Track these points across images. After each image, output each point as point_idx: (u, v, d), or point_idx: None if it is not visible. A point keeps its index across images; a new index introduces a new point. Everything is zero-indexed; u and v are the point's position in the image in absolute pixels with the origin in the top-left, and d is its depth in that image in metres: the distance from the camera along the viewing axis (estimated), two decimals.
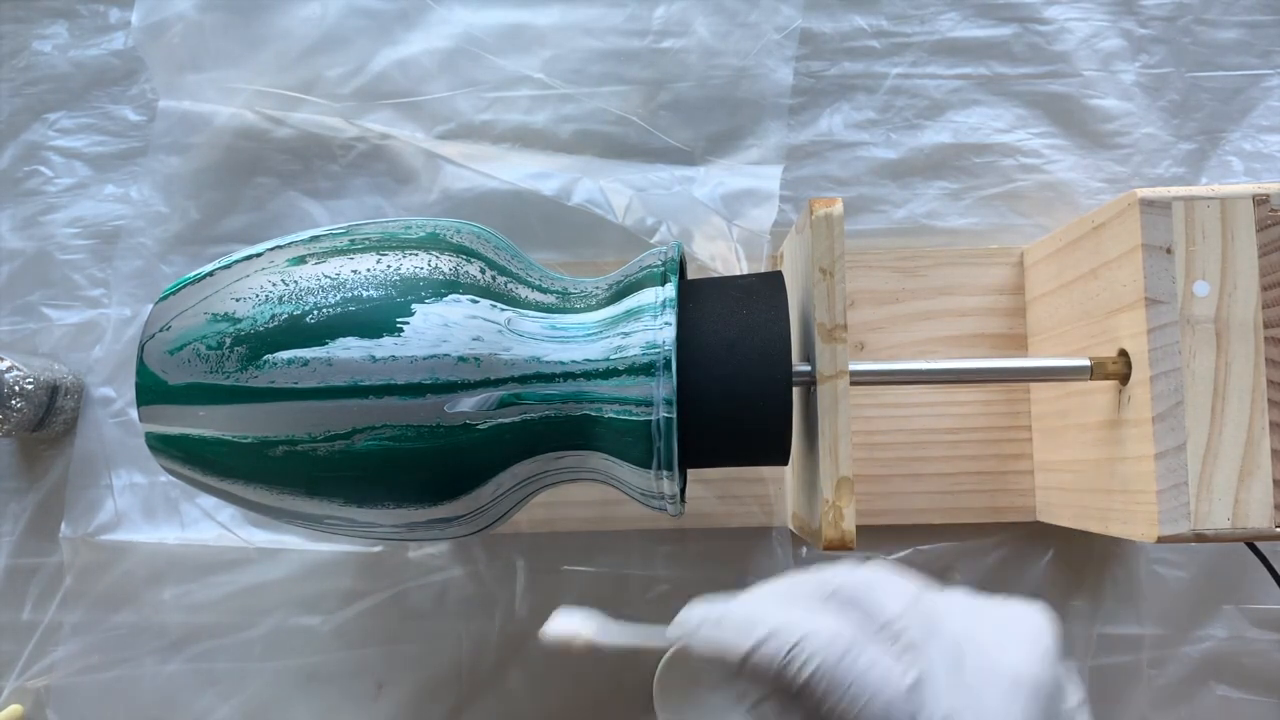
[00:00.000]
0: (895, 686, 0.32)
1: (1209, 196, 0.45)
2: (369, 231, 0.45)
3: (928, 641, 0.34)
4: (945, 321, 0.62)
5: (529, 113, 0.65)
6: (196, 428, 0.42)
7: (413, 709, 0.62)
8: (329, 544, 0.62)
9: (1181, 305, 0.45)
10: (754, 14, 0.65)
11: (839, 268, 0.45)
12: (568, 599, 0.62)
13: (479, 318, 0.42)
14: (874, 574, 0.36)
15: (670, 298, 0.44)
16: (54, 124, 0.67)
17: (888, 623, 0.34)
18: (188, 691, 0.62)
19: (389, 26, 0.65)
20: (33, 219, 0.67)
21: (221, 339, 0.42)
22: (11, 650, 0.63)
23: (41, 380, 0.60)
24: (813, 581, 0.36)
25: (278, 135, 0.66)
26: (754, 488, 0.62)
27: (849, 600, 0.35)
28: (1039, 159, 0.65)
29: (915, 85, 0.66)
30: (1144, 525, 0.45)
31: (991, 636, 0.34)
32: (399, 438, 0.41)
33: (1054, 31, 0.65)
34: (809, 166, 0.65)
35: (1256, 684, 0.61)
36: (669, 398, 0.42)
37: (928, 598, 0.36)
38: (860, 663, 0.33)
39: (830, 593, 0.35)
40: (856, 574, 0.36)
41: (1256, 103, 0.65)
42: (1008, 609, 0.36)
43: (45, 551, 0.64)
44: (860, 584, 0.35)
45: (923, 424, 0.61)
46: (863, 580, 0.36)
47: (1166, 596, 0.61)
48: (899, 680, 0.33)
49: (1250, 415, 0.45)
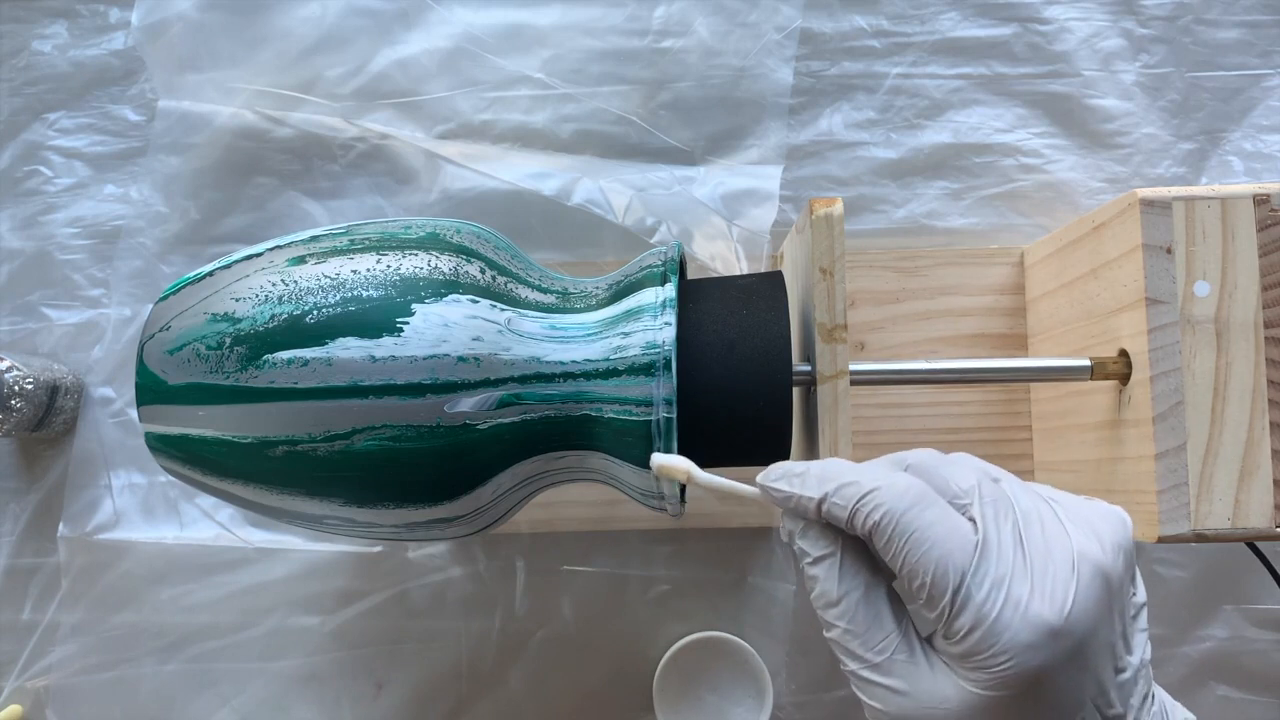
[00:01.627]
0: (958, 542, 0.34)
1: (1209, 196, 0.45)
2: (369, 231, 0.45)
3: (998, 513, 0.35)
4: (945, 321, 0.62)
5: (529, 113, 0.65)
6: (196, 428, 0.42)
7: (413, 709, 0.62)
8: (329, 544, 0.62)
9: (1182, 305, 0.45)
10: (754, 14, 0.65)
11: (839, 268, 0.45)
12: (567, 599, 0.62)
13: (479, 318, 0.42)
14: (948, 456, 0.38)
15: (670, 298, 0.44)
16: (54, 124, 0.67)
17: (958, 494, 0.35)
18: (187, 692, 0.62)
19: (389, 26, 0.65)
20: (33, 219, 0.67)
21: (221, 339, 0.42)
22: (11, 650, 0.63)
23: (41, 380, 0.60)
24: (890, 458, 0.38)
25: (278, 135, 0.66)
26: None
27: (922, 471, 0.36)
28: (1039, 159, 0.65)
29: (915, 85, 0.66)
30: (1144, 525, 0.45)
31: (1063, 518, 0.35)
32: (399, 438, 0.41)
33: (1054, 31, 0.65)
34: (809, 166, 0.65)
35: (1256, 684, 0.61)
36: (669, 398, 0.42)
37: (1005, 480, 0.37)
38: (926, 516, 0.34)
39: (907, 465, 0.37)
40: (930, 452, 0.38)
41: (1256, 103, 0.65)
42: (1086, 503, 0.37)
43: (45, 551, 0.64)
44: (936, 460, 0.37)
45: (923, 424, 0.61)
46: (939, 458, 0.37)
47: (1166, 596, 0.61)
48: (965, 538, 0.34)
49: (1250, 415, 0.45)
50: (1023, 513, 0.35)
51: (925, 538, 0.34)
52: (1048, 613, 0.32)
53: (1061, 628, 0.32)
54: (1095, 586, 0.33)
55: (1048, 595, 0.33)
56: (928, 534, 0.34)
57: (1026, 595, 0.33)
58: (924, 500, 0.34)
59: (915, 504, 0.34)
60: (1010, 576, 0.33)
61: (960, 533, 0.34)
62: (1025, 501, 0.35)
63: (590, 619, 0.62)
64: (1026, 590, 0.33)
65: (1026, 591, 0.33)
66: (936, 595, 0.33)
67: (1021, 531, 0.34)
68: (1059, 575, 0.33)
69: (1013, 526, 0.34)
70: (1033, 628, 0.32)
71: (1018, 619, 0.32)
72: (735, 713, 0.60)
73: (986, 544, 0.34)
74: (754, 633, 0.62)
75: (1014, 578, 0.33)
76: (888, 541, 0.34)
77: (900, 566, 0.34)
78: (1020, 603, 0.33)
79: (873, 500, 0.34)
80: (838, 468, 0.37)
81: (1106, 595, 0.34)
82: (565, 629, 0.62)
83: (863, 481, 0.35)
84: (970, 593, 0.33)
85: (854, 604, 0.35)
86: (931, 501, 0.34)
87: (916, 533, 0.34)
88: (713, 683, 0.60)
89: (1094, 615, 0.33)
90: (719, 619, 0.62)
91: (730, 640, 0.59)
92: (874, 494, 0.35)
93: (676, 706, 0.60)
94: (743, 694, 0.59)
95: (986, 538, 0.34)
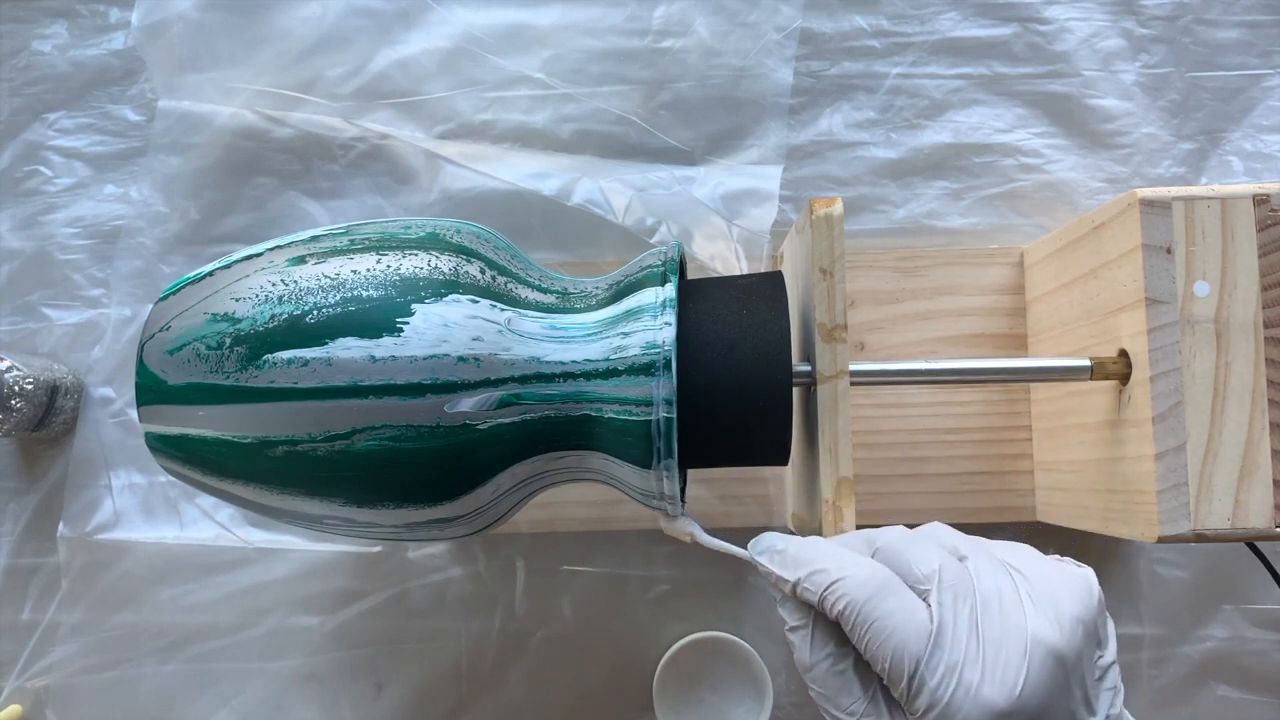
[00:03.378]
0: (913, 631, 0.36)
1: (1209, 196, 0.45)
2: (369, 231, 0.45)
3: (956, 598, 0.37)
4: (945, 321, 0.62)
5: (529, 113, 0.65)
6: (196, 428, 0.42)
7: (413, 709, 0.62)
8: (329, 544, 0.62)
9: (1181, 305, 0.45)
10: (754, 14, 0.65)
11: (839, 268, 0.45)
12: (567, 599, 0.62)
13: (479, 318, 0.42)
14: (916, 535, 0.40)
15: (670, 298, 0.44)
16: (54, 124, 0.67)
17: (920, 579, 0.38)
18: (187, 692, 0.62)
19: (389, 26, 0.65)
20: (33, 219, 0.67)
21: (221, 339, 0.42)
22: (11, 650, 0.63)
23: (41, 380, 0.60)
24: (863, 536, 0.41)
25: (278, 135, 0.66)
26: (754, 488, 0.62)
27: (889, 555, 0.39)
28: (1039, 159, 0.65)
29: (915, 85, 0.66)
30: (1144, 525, 0.45)
31: (1024, 596, 0.37)
32: (399, 438, 0.41)
33: (1054, 31, 0.65)
34: (809, 166, 0.65)
35: (1256, 684, 0.61)
36: (669, 398, 0.42)
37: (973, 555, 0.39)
38: (884, 606, 0.37)
39: (875, 549, 0.40)
40: (899, 532, 0.40)
41: (1256, 103, 0.65)
42: (1055, 568, 0.39)
43: (45, 551, 0.64)
44: (903, 544, 0.39)
45: (923, 424, 0.61)
46: (906, 540, 0.40)
47: (1166, 596, 0.61)
48: (919, 626, 0.36)
49: (1250, 415, 0.45)
50: (982, 596, 0.37)
51: (883, 627, 0.36)
52: (998, 698, 0.35)
53: (1012, 710, 0.35)
54: (1047, 668, 0.35)
55: (998, 680, 0.35)
56: (886, 624, 0.36)
57: (978, 681, 0.35)
58: (884, 590, 0.37)
59: (875, 594, 0.37)
60: (962, 663, 0.36)
61: (916, 622, 0.36)
62: (986, 582, 0.37)
63: (590, 619, 0.62)
64: (978, 676, 0.35)
65: (978, 678, 0.35)
66: (895, 679, 0.36)
67: (979, 615, 0.36)
68: (1010, 660, 0.35)
69: (970, 611, 0.37)
70: (983, 712, 0.35)
71: (969, 703, 0.35)
72: (735, 713, 0.60)
73: (941, 632, 0.36)
74: (754, 633, 0.62)
75: (966, 664, 0.36)
76: (851, 628, 0.37)
77: (864, 651, 0.37)
78: (971, 688, 0.35)
79: (837, 590, 0.37)
80: (812, 551, 0.39)
81: (1061, 673, 0.36)
82: (565, 629, 0.62)
83: (830, 570, 0.38)
84: (924, 679, 0.36)
85: (824, 672, 0.39)
86: (890, 591, 0.37)
87: (875, 623, 0.36)
88: (713, 683, 0.60)
89: (1046, 694, 0.35)
90: (719, 619, 0.62)
91: (730, 640, 0.59)
92: (839, 584, 0.38)
93: (676, 706, 0.60)
94: (743, 694, 0.59)
95: (942, 625, 0.36)
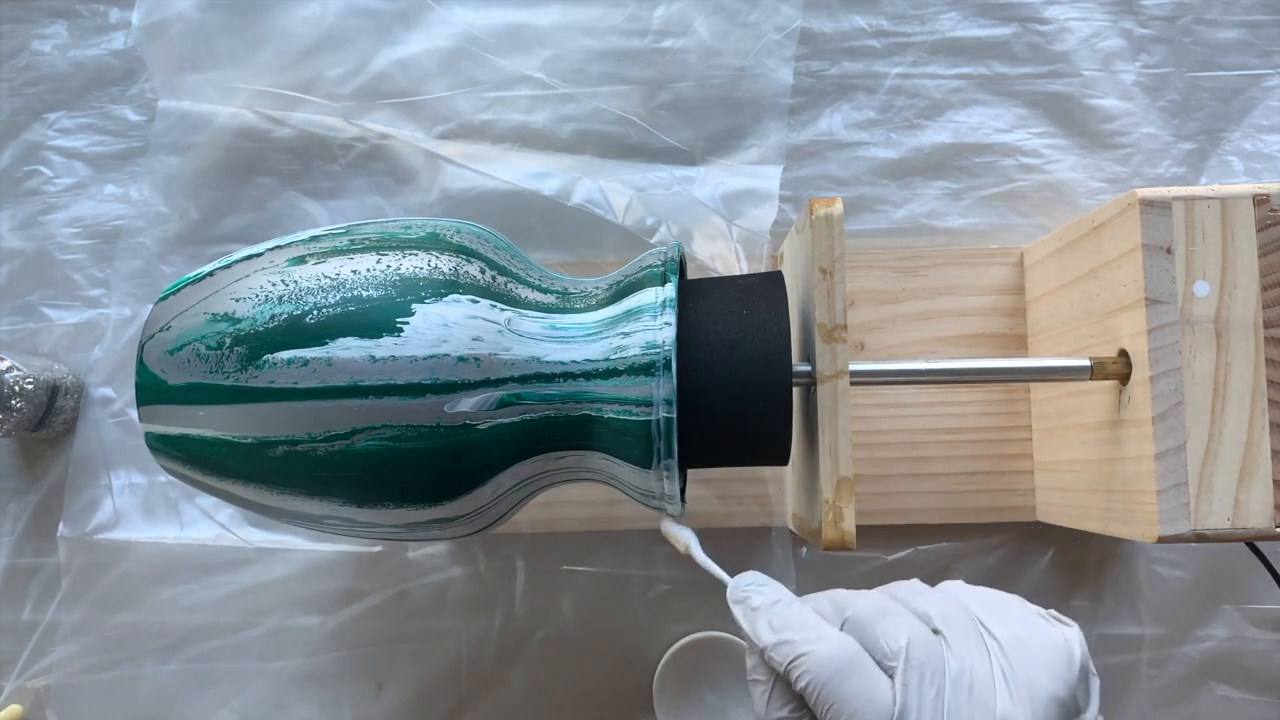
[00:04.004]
0: (874, 715, 0.35)
1: (1209, 196, 0.45)
2: (369, 231, 0.45)
3: (922, 679, 0.36)
4: (945, 321, 0.62)
5: (529, 113, 0.65)
6: (196, 428, 0.42)
7: (413, 709, 0.62)
8: (329, 544, 0.62)
9: (1181, 305, 0.45)
10: (754, 14, 0.65)
11: (839, 268, 0.45)
12: (567, 599, 0.62)
13: (479, 318, 0.42)
14: (888, 604, 0.39)
15: (670, 298, 0.44)
16: (54, 124, 0.67)
17: (888, 654, 0.37)
18: (187, 692, 0.62)
19: (389, 26, 0.65)
20: (33, 219, 0.67)
21: (221, 339, 0.42)
22: (11, 650, 0.63)
23: (41, 380, 0.60)
24: (836, 601, 0.40)
25: (278, 135, 0.66)
26: (754, 488, 0.62)
27: (857, 627, 0.38)
28: (1039, 159, 0.65)
29: (915, 85, 0.66)
30: (1144, 525, 0.45)
31: (997, 674, 0.36)
32: (399, 438, 0.41)
33: (1054, 31, 0.65)
34: (809, 166, 0.65)
35: (1256, 684, 0.61)
36: (669, 398, 0.42)
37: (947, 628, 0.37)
38: (847, 685, 0.36)
39: (846, 618, 0.38)
40: (871, 601, 0.39)
41: (1256, 103, 0.65)
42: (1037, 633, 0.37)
43: (45, 551, 0.64)
44: (873, 615, 0.38)
45: (923, 424, 0.61)
46: (877, 611, 0.38)
47: (1166, 596, 0.61)
48: (881, 710, 0.35)
49: (1250, 415, 0.45)
50: (952, 677, 0.36)
51: (843, 709, 0.36)
52: None
53: None
54: None
55: None
56: (847, 706, 0.36)
57: None
58: (848, 668, 0.36)
59: (838, 673, 0.36)
60: None
61: (878, 705, 0.35)
62: (957, 662, 0.36)
63: (590, 619, 0.62)
64: None
65: None
66: None
67: (946, 698, 0.36)
68: None
69: (936, 694, 0.36)
70: None
71: None
72: (735, 713, 0.60)
73: (904, 716, 0.35)
74: None
75: None
76: (814, 704, 0.37)
77: None
78: None
79: (801, 665, 0.37)
80: (784, 615, 0.39)
81: None
82: (565, 629, 0.62)
83: (797, 643, 0.37)
84: None
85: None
86: (854, 670, 0.36)
87: (836, 704, 0.36)
88: (713, 683, 0.60)
89: None
90: (719, 619, 0.62)
91: (730, 640, 0.59)
92: (803, 659, 0.37)
93: (676, 706, 0.59)
94: (743, 694, 0.59)
95: (905, 708, 0.35)
